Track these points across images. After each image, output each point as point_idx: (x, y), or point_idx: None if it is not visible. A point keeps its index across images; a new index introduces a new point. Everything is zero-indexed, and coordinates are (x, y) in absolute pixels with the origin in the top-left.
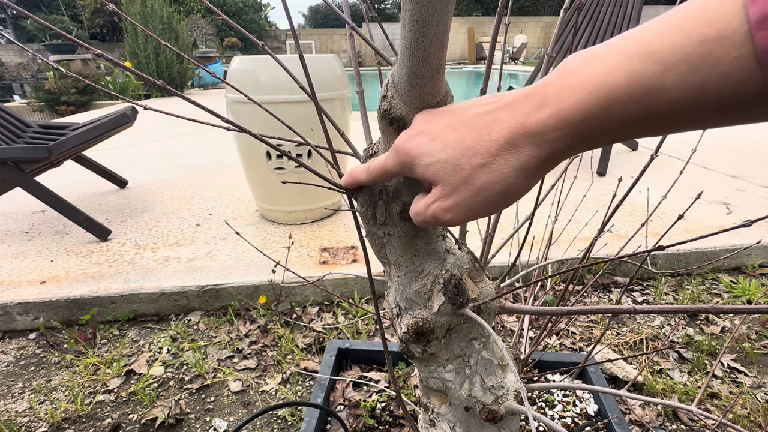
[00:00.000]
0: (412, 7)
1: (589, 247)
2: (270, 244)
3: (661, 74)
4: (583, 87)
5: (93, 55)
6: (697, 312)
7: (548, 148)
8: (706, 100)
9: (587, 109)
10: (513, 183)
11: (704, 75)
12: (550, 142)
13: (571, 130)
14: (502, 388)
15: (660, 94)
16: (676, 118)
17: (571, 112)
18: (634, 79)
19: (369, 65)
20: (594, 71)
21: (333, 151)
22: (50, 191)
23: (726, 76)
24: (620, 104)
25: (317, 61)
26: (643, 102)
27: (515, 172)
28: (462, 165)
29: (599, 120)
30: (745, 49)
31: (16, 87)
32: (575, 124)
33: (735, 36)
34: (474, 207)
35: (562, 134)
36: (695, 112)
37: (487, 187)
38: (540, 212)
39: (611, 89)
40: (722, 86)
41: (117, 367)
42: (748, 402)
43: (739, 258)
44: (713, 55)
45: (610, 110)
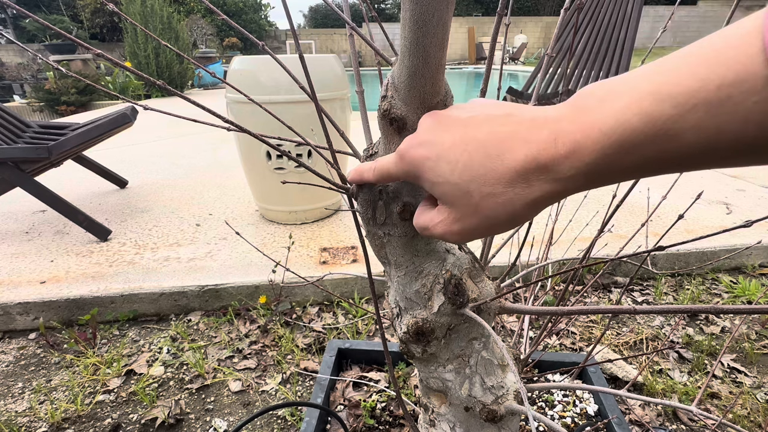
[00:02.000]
0: (412, 7)
1: (590, 247)
2: (270, 244)
3: (678, 118)
4: (598, 128)
5: (93, 55)
6: (697, 312)
7: (561, 186)
8: (725, 143)
9: (601, 151)
10: (521, 214)
11: (723, 120)
12: (563, 180)
13: (585, 171)
14: (502, 388)
15: (677, 138)
16: (692, 160)
17: (586, 153)
18: (649, 123)
19: (369, 65)
20: (609, 111)
21: (333, 151)
22: (50, 191)
23: (746, 121)
24: (635, 147)
25: (317, 61)
26: (659, 146)
27: (525, 206)
28: (472, 193)
29: (614, 162)
30: (765, 94)
31: (16, 87)
32: (590, 165)
33: (755, 80)
34: (480, 231)
35: (576, 174)
36: (712, 155)
37: (495, 216)
38: (540, 212)
39: (626, 132)
40: (742, 131)
41: (117, 367)
42: (748, 402)
43: (739, 258)
44: (732, 100)
45: (626, 153)
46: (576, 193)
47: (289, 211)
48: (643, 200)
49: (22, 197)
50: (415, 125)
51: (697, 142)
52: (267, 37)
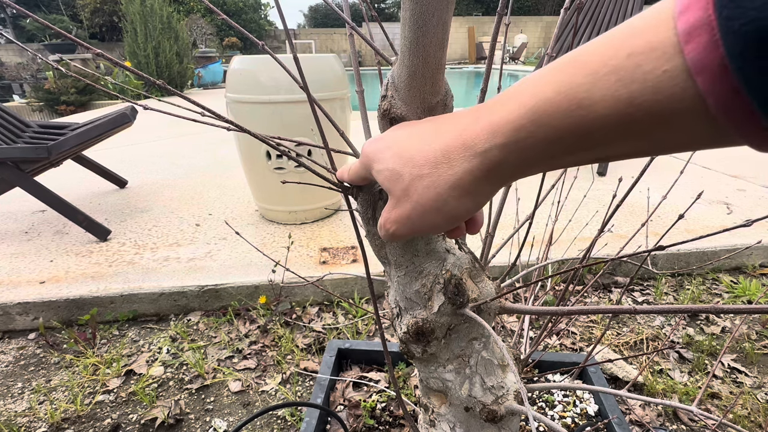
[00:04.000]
0: (412, 7)
1: (590, 247)
2: (270, 244)
3: (589, 86)
4: (514, 100)
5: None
6: (697, 312)
7: (480, 163)
8: (638, 115)
9: (516, 120)
10: (447, 200)
11: (634, 89)
12: (481, 155)
13: (502, 142)
14: (502, 388)
15: (588, 106)
16: (610, 135)
17: (501, 122)
18: (561, 92)
19: (369, 65)
20: (528, 84)
21: (330, 152)
22: (50, 191)
23: (657, 90)
24: (548, 116)
25: (317, 61)
26: (571, 114)
27: (449, 189)
28: (403, 175)
29: (529, 133)
30: (676, 62)
31: (16, 87)
32: (505, 135)
33: (664, 48)
34: (416, 221)
35: (493, 146)
36: (629, 130)
37: (423, 201)
38: (540, 212)
39: (539, 101)
40: (654, 100)
41: (117, 367)
42: (749, 402)
43: (740, 258)
44: (643, 68)
45: (539, 122)
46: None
47: (289, 211)
48: (643, 200)
49: (21, 197)
50: None
51: (609, 113)
52: (267, 37)
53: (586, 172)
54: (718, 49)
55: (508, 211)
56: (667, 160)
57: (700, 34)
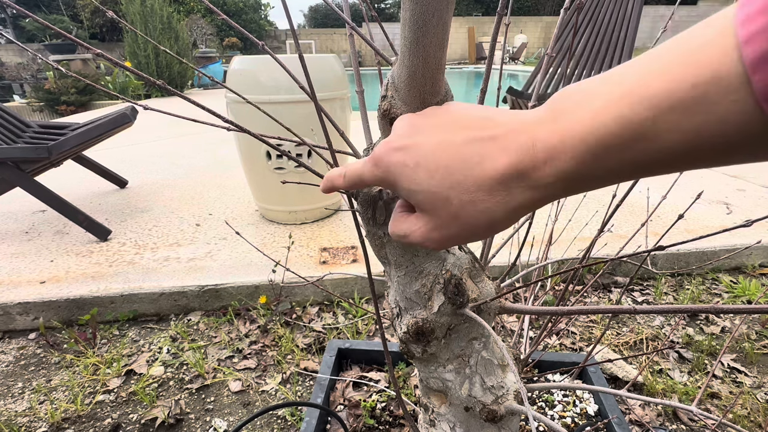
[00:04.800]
0: (412, 7)
1: (589, 247)
2: (270, 244)
3: (654, 120)
4: (575, 133)
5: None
6: (697, 312)
7: (540, 194)
8: (704, 144)
9: (579, 157)
10: (501, 221)
11: (700, 120)
12: (542, 188)
13: (564, 177)
14: (502, 388)
15: (654, 141)
16: (672, 162)
17: (564, 159)
18: (625, 125)
19: (369, 65)
20: (585, 114)
21: (333, 151)
22: (50, 191)
23: (724, 120)
24: (613, 151)
25: (317, 61)
26: (637, 149)
27: (505, 213)
28: (451, 200)
29: (592, 167)
30: (743, 92)
31: (16, 87)
32: (568, 172)
33: (730, 78)
34: (460, 239)
35: (555, 181)
36: (692, 156)
37: (475, 223)
38: (540, 212)
39: (603, 136)
40: (720, 130)
41: (117, 367)
42: (748, 402)
43: (739, 258)
44: (709, 99)
45: (604, 157)
46: (556, 199)
47: (289, 211)
48: (643, 200)
49: (22, 197)
50: None
51: (676, 145)
52: (267, 37)
53: None
54: None
55: None
56: None
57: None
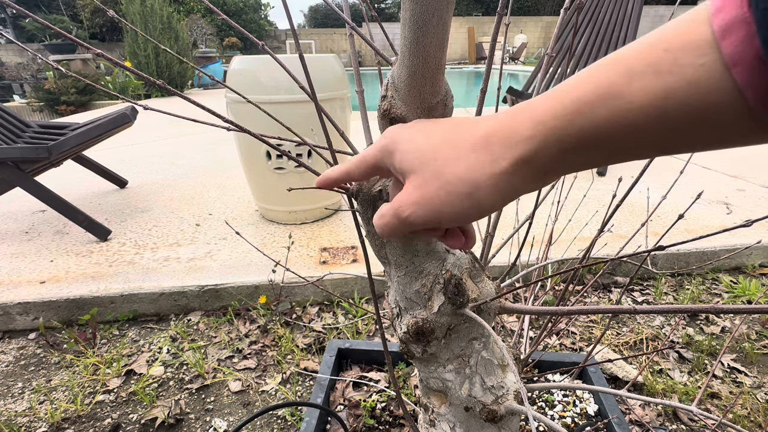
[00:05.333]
0: (412, 7)
1: (589, 247)
2: (270, 244)
3: (627, 80)
4: (557, 95)
5: (93, 55)
6: (697, 312)
7: (519, 151)
8: (674, 108)
9: (557, 111)
10: (481, 185)
11: (670, 81)
12: (521, 143)
13: (541, 131)
14: (502, 388)
15: (625, 98)
16: (646, 127)
17: (543, 113)
18: (600, 85)
19: (369, 65)
20: (566, 85)
21: (333, 151)
22: (50, 191)
23: (692, 83)
24: (588, 106)
25: (317, 61)
26: (609, 105)
27: (485, 175)
28: (437, 157)
29: (568, 122)
30: (712, 56)
31: (16, 87)
32: (545, 124)
33: (700, 43)
34: (438, 205)
35: (533, 134)
36: (665, 123)
37: (455, 181)
38: (540, 212)
39: (580, 94)
40: (689, 93)
41: (117, 367)
42: (748, 402)
43: (739, 258)
44: (679, 61)
45: (579, 112)
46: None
47: (289, 211)
48: (643, 200)
49: (21, 197)
50: None
51: (646, 105)
52: (267, 37)
53: (585, 172)
54: (754, 41)
55: (508, 211)
56: (667, 160)
57: (736, 29)
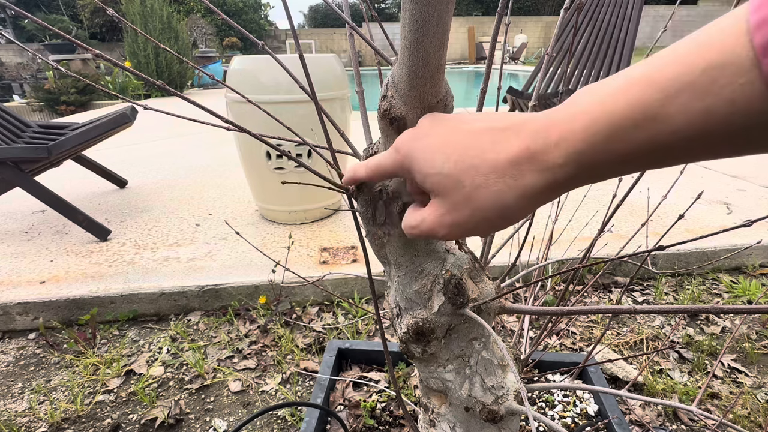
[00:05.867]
0: (412, 7)
1: (590, 247)
2: (270, 244)
3: (664, 101)
4: (587, 115)
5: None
6: (697, 312)
7: (551, 177)
8: (714, 127)
9: (589, 138)
10: (511, 207)
11: (710, 102)
12: (553, 169)
13: (575, 159)
14: (502, 388)
15: (664, 121)
16: (683, 147)
17: (575, 139)
18: (635, 107)
19: (369, 65)
20: (597, 99)
21: (333, 151)
22: (50, 191)
23: (733, 103)
24: (624, 132)
25: (317, 61)
26: (647, 130)
27: (516, 199)
28: (464, 183)
29: (604, 149)
30: (752, 75)
31: (16, 87)
32: (579, 153)
33: (740, 62)
34: (470, 226)
35: (566, 162)
36: (703, 141)
37: (486, 207)
38: (540, 212)
39: (613, 117)
40: (729, 113)
41: (117, 367)
42: (749, 402)
43: (740, 258)
44: (718, 82)
45: (615, 139)
46: (569, 190)
47: (289, 211)
48: (643, 200)
49: (22, 197)
50: (414, 125)
51: (685, 127)
52: (267, 37)
53: None
54: None
55: None
56: None
57: None
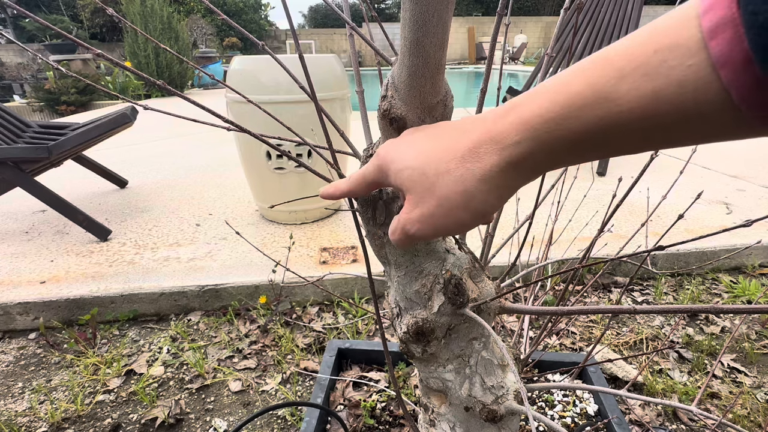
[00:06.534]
0: (412, 7)
1: (589, 247)
2: (270, 244)
3: (616, 81)
4: (544, 94)
5: (93, 55)
6: (697, 312)
7: (509, 155)
8: (664, 109)
9: (545, 114)
10: (475, 194)
11: (660, 83)
12: (510, 147)
13: (531, 135)
14: (502, 388)
15: (615, 99)
16: (636, 130)
17: (531, 116)
18: (589, 85)
19: (369, 65)
20: (557, 81)
21: (333, 151)
22: (50, 191)
23: (681, 84)
24: (577, 108)
25: (317, 61)
26: (599, 108)
27: (477, 183)
28: (427, 172)
29: (558, 126)
30: (700, 57)
31: (16, 87)
32: (535, 127)
33: (689, 44)
34: (440, 220)
35: (522, 139)
36: (655, 124)
37: (450, 196)
38: (540, 212)
39: (569, 95)
40: (678, 94)
41: (117, 367)
42: (748, 402)
43: (739, 258)
44: (667, 63)
45: (568, 115)
46: (530, 175)
47: (289, 211)
48: (642, 200)
49: (22, 197)
50: (414, 125)
51: (635, 106)
52: (267, 37)
53: (585, 172)
54: (742, 43)
55: (508, 211)
56: (667, 160)
57: (724, 30)
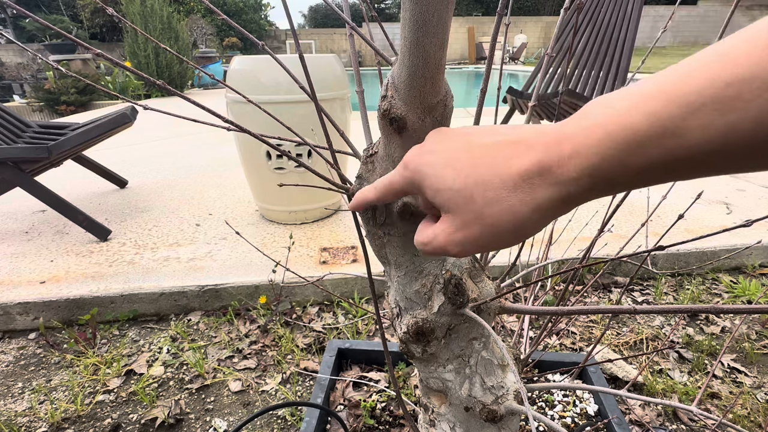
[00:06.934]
0: (412, 7)
1: (590, 247)
2: (270, 244)
3: (685, 116)
4: (602, 128)
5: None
6: (697, 312)
7: (565, 190)
8: (737, 145)
9: (606, 152)
10: (525, 222)
11: (733, 119)
12: (567, 183)
13: (590, 173)
14: (502, 388)
15: (683, 137)
16: (703, 164)
17: (590, 153)
18: (654, 122)
19: (369, 65)
20: (612, 111)
21: (333, 151)
22: (50, 191)
23: (758, 120)
24: (640, 147)
25: (317, 61)
26: (665, 146)
27: (529, 213)
28: (475, 198)
29: (619, 164)
30: None
31: (16, 87)
32: (594, 167)
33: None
34: (483, 243)
35: (580, 176)
36: (724, 158)
37: (499, 224)
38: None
39: (630, 131)
40: (754, 130)
41: (117, 367)
42: (748, 402)
43: (739, 258)
44: (743, 97)
45: (631, 153)
46: (584, 202)
47: (289, 211)
48: (643, 200)
49: (22, 197)
50: (415, 125)
51: (705, 142)
52: (267, 37)
53: None
54: None
55: None
56: None
57: None
